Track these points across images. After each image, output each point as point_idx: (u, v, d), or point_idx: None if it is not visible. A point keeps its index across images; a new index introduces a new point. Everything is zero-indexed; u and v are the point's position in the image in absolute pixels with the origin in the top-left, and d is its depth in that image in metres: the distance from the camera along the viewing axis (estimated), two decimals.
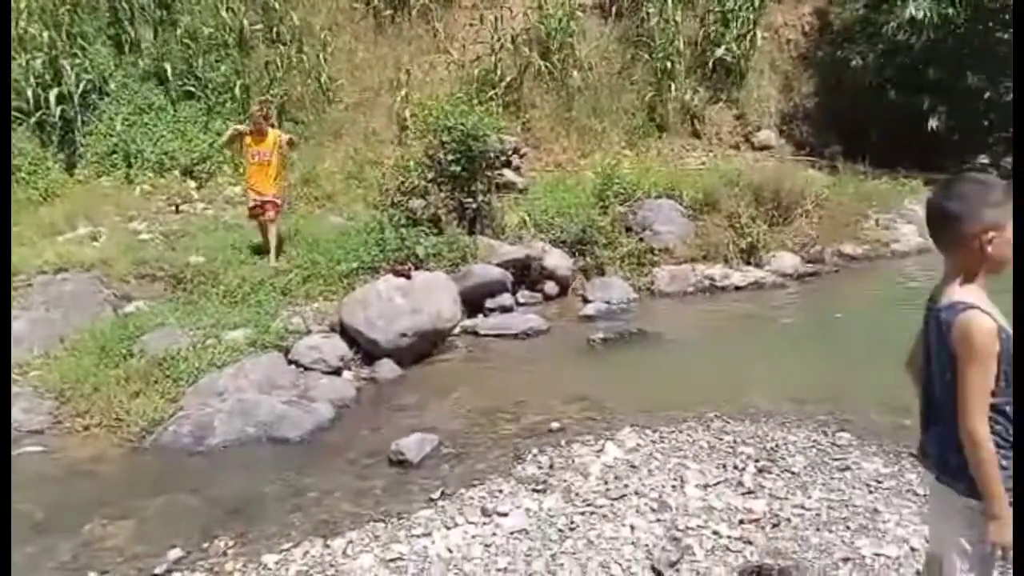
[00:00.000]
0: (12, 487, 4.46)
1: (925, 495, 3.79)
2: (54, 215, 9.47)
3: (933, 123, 12.13)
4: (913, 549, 3.29)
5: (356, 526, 4.01)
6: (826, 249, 9.63)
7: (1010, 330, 2.01)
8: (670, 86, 13.07)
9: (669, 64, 13.12)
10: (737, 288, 8.80)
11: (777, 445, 4.51)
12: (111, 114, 10.97)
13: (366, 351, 6.80)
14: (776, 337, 7.31)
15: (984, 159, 12.34)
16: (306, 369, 6.38)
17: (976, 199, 2.04)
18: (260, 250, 8.36)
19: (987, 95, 12.08)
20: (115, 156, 10.73)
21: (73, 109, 10.70)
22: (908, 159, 11.63)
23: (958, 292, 2.07)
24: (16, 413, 5.72)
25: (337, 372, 6.51)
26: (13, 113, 10.47)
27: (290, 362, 6.45)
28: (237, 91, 11.32)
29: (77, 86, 10.76)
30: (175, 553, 3.82)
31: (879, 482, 3.99)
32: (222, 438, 5.31)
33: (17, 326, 6.87)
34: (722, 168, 11.17)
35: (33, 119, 10.48)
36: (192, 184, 10.64)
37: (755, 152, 12.89)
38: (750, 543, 3.45)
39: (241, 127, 8.44)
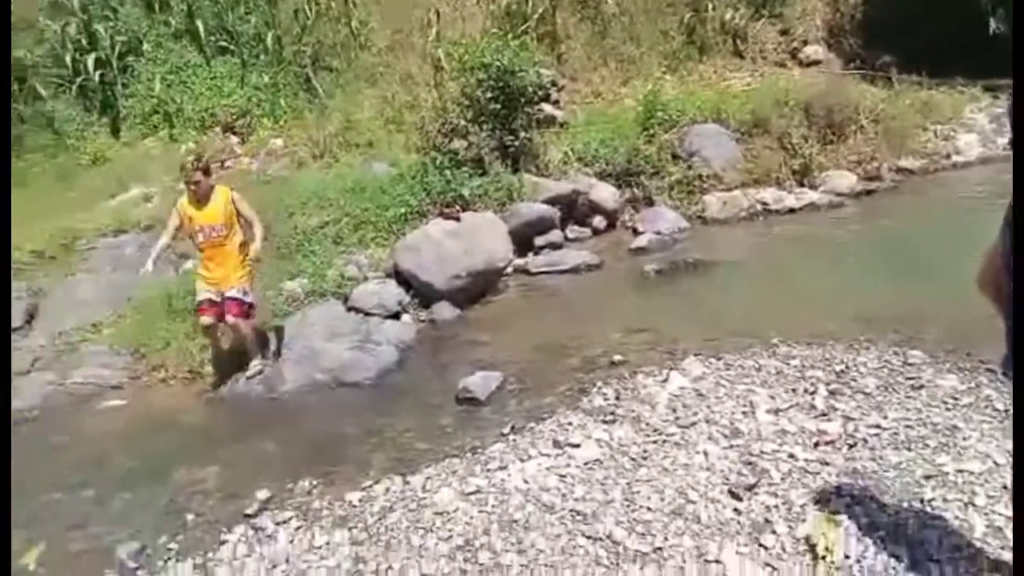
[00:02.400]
0: (101, 438, 4.71)
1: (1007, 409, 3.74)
2: (105, 178, 9.65)
3: (994, 25, 11.42)
4: (997, 464, 3.26)
5: (432, 462, 4.12)
6: (883, 165, 9.30)
7: None
8: (708, 5, 12.55)
9: None
10: (791, 211, 8.60)
11: (847, 367, 4.46)
12: (148, 75, 10.98)
13: (422, 294, 6.87)
14: (836, 258, 7.14)
15: None
16: (366, 315, 6.48)
17: None
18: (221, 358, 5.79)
19: None
20: (157, 116, 10.79)
21: (112, 72, 10.76)
22: (967, 66, 11.05)
23: None
24: (96, 370, 6.01)
25: (396, 316, 6.60)
26: (56, 80, 10.59)
27: (349, 308, 6.56)
28: (269, 42, 11.24)
29: (112, 49, 10.79)
30: (263, 494, 3.99)
31: (956, 399, 3.93)
32: (293, 385, 5.48)
33: (85, 288, 7.16)
34: (769, 87, 10.78)
35: (75, 85, 10.58)
36: (234, 140, 10.69)
37: (803, 69, 12.37)
38: (827, 464, 3.46)
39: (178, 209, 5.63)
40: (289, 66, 11.31)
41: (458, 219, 7.42)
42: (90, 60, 10.56)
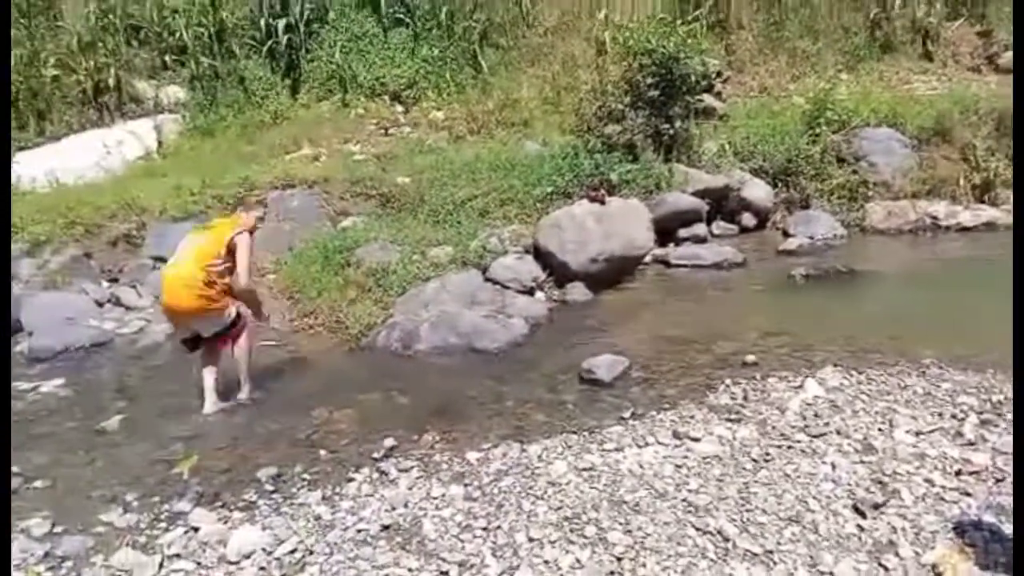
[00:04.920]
0: (255, 373, 5.15)
1: None
2: (282, 136, 10.45)
3: None
4: None
5: (550, 435, 4.20)
6: None
7: None
8: (898, 1, 11.71)
9: None
10: (964, 228, 7.95)
11: (1006, 398, 4.10)
12: (330, 42, 11.72)
13: (558, 273, 6.97)
14: (1008, 283, 6.50)
15: None
16: (502, 287, 6.66)
17: None
18: None
19: None
20: (332, 82, 11.52)
21: (298, 37, 11.58)
22: None
23: None
24: None
25: (530, 292, 6.74)
26: (249, 42, 11.54)
27: (487, 280, 6.76)
28: (442, 17, 11.65)
29: (302, 15, 11.60)
30: (390, 442, 4.23)
31: None
32: (428, 345, 5.74)
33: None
34: (957, 94, 9.93)
35: (265, 47, 11.48)
36: (399, 108, 11.24)
37: (1000, 76, 11.27)
38: (968, 495, 3.22)
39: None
40: (458, 41, 11.71)
41: (603, 202, 7.43)
42: (281, 24, 11.41)
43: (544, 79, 11.32)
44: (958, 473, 3.40)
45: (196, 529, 3.53)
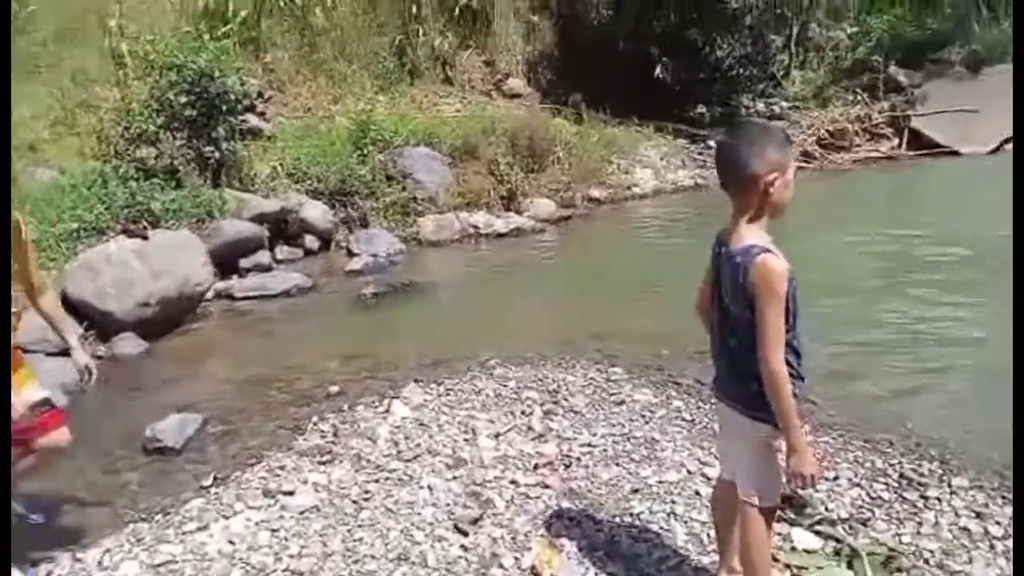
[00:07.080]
0: None
1: (695, 423, 4.15)
2: None
3: (659, 71, 13.10)
4: (689, 472, 3.57)
5: (112, 531, 3.44)
6: (577, 194, 10.18)
7: (793, 272, 2.13)
8: (418, 30, 12.81)
9: (415, 7, 12.85)
10: (500, 235, 9.01)
11: (559, 386, 4.65)
12: None
13: (101, 325, 5.91)
14: (540, 280, 7.60)
15: (702, 109, 13.73)
16: (25, 352, 5.34)
17: (762, 142, 2.13)
18: None
19: (705, 50, 13.35)
20: None
21: None
22: (642, 108, 12.59)
23: (748, 236, 2.15)
24: None
25: (66, 353, 5.54)
26: None
27: None
28: None
29: None
30: None
31: (652, 412, 4.27)
32: None
33: None
34: (477, 115, 11.26)
35: None
36: None
37: (506, 100, 13.16)
38: (547, 487, 3.51)
39: None
40: None
41: (145, 237, 6.53)
42: None
43: (51, 95, 9.56)
44: (535, 467, 3.69)
45: None
